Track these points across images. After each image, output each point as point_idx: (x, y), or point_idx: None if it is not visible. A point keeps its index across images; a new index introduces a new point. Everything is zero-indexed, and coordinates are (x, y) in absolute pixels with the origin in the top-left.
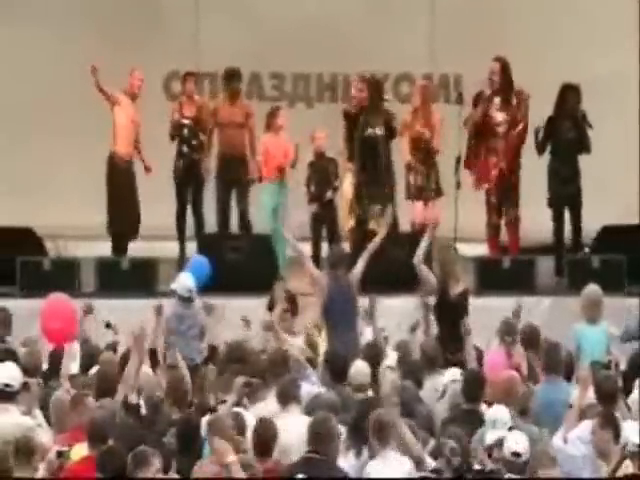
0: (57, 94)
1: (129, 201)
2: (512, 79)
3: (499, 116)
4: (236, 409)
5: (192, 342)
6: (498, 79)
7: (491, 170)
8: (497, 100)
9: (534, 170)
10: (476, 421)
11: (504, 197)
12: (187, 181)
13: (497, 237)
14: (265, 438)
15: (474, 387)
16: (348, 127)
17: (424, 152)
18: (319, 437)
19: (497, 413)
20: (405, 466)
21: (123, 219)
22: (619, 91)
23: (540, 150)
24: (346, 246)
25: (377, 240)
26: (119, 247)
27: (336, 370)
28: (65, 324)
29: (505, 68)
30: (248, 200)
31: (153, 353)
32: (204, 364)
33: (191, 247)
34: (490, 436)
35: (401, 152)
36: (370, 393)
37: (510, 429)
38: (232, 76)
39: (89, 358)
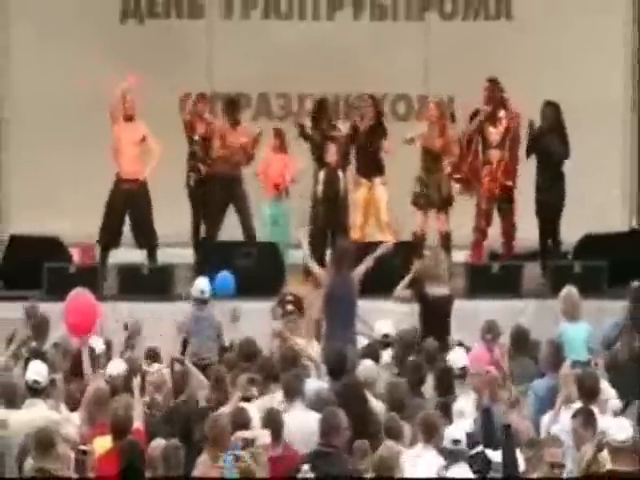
0: (81, 112)
1: (115, 216)
2: (504, 96)
3: (493, 129)
4: (241, 404)
5: (208, 342)
6: (492, 97)
7: (484, 178)
8: (491, 116)
9: (520, 181)
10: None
11: (500, 206)
12: (199, 193)
13: (482, 242)
14: (274, 426)
15: (446, 381)
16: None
17: (433, 163)
18: (328, 431)
19: (464, 405)
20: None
21: (105, 231)
22: (603, 112)
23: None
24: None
25: (383, 249)
26: (103, 257)
27: (333, 366)
28: (85, 317)
29: (498, 87)
30: (250, 213)
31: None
32: (219, 362)
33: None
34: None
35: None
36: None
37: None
38: (233, 106)
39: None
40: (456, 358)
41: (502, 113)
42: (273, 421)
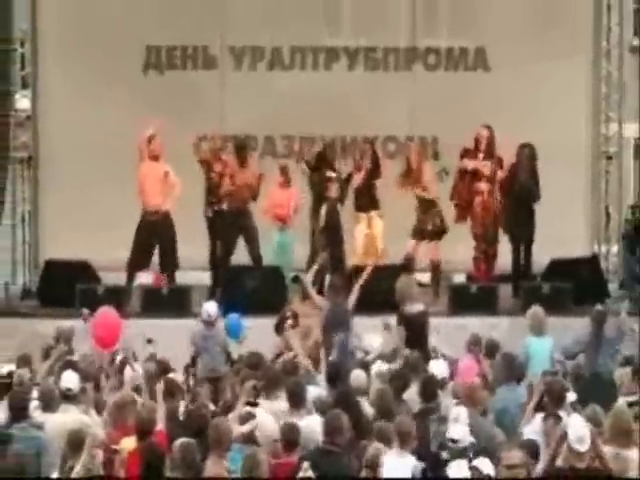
0: (108, 151)
1: (146, 247)
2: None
3: (484, 165)
4: (247, 408)
5: (217, 356)
6: (485, 141)
7: (476, 208)
8: (481, 155)
9: None
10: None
11: (487, 232)
12: (215, 224)
13: (485, 262)
14: (291, 438)
15: (430, 389)
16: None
17: (423, 202)
18: (332, 431)
19: (459, 411)
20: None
21: (134, 257)
22: (568, 152)
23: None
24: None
25: (364, 276)
26: (130, 278)
27: (331, 375)
28: (110, 332)
29: (492, 135)
30: (257, 242)
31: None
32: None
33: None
34: (453, 429)
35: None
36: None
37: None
38: (241, 148)
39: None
40: (438, 370)
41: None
42: (290, 432)
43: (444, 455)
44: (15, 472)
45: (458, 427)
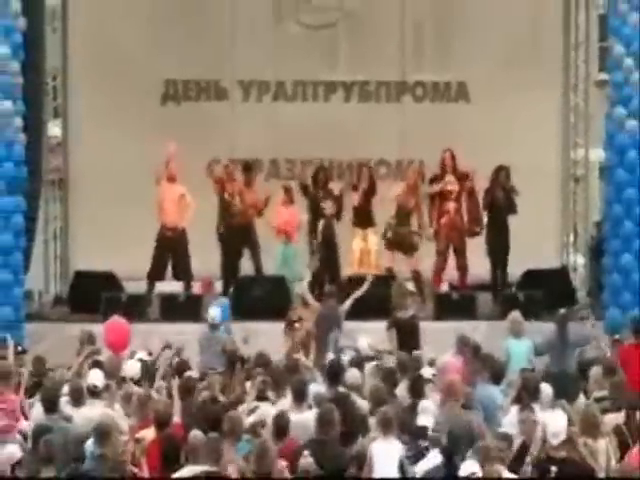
0: (130, 174)
1: (163, 259)
2: (456, 162)
3: (449, 182)
4: (256, 403)
5: (215, 356)
6: (450, 163)
7: (442, 227)
8: (448, 177)
9: None
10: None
11: (456, 247)
12: (227, 238)
13: (441, 273)
14: (281, 425)
15: (418, 387)
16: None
17: (405, 218)
18: (325, 424)
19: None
20: None
21: (156, 271)
22: (540, 173)
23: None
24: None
25: (364, 287)
26: (150, 286)
27: (330, 374)
28: (120, 337)
29: (453, 156)
30: (259, 256)
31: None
32: (226, 371)
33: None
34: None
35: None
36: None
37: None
38: (248, 170)
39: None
40: (425, 372)
41: (457, 175)
42: (279, 421)
43: (422, 443)
44: (45, 459)
45: (423, 417)
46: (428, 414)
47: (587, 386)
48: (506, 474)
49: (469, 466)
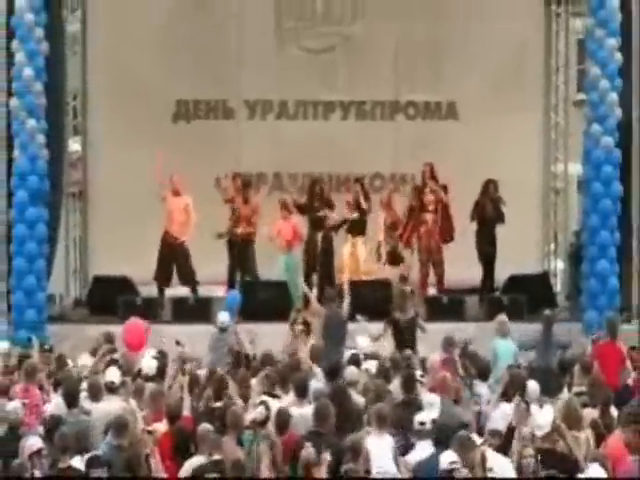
0: (144, 188)
1: (166, 263)
2: (436, 176)
3: (429, 199)
4: (262, 397)
5: (222, 357)
6: (429, 176)
7: (421, 237)
8: (427, 190)
9: (465, 236)
10: (414, 406)
11: (433, 257)
12: (233, 246)
13: (426, 279)
14: (282, 420)
15: (410, 384)
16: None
17: (392, 231)
18: (322, 417)
19: (433, 399)
20: None
21: (161, 274)
22: (523, 186)
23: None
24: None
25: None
26: (160, 290)
27: (329, 372)
28: (137, 337)
29: (432, 170)
30: (254, 265)
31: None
32: (231, 370)
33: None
34: (427, 414)
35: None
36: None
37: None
38: (247, 187)
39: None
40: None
41: (432, 187)
42: (281, 416)
43: (410, 436)
44: (60, 451)
45: (430, 412)
46: (434, 408)
47: (571, 382)
48: (491, 454)
49: (447, 456)
